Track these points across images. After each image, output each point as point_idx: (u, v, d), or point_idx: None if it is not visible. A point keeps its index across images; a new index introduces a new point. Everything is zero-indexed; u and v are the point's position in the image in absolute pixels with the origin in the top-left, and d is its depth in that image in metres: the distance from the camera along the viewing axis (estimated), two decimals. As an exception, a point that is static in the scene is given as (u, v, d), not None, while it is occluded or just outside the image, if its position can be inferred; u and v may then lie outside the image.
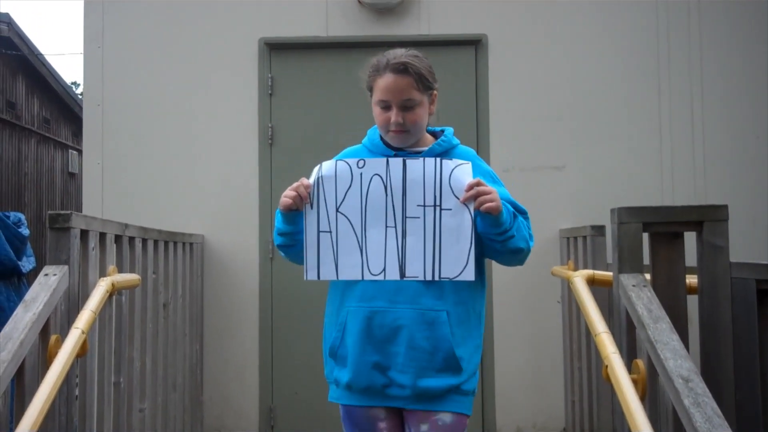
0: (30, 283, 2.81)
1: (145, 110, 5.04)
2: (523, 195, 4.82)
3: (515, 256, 2.29)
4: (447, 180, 2.15)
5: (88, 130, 5.06)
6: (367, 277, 2.19)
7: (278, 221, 2.36)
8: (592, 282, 3.13)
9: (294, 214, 2.25)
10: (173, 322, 4.23)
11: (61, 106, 13.58)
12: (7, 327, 2.47)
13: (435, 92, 2.37)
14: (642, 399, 2.35)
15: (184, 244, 4.48)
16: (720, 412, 2.04)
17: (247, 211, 4.95)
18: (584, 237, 4.23)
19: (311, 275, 2.22)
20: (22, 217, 4.79)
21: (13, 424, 2.35)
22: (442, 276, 2.16)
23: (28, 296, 2.61)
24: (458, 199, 2.14)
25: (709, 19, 4.99)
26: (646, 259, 2.64)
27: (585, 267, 4.02)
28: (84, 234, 2.95)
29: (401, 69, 2.26)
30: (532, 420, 4.86)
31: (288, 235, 2.32)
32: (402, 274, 2.17)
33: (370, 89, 2.36)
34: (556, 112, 4.98)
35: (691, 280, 2.62)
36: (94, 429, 3.02)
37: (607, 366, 2.41)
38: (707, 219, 2.56)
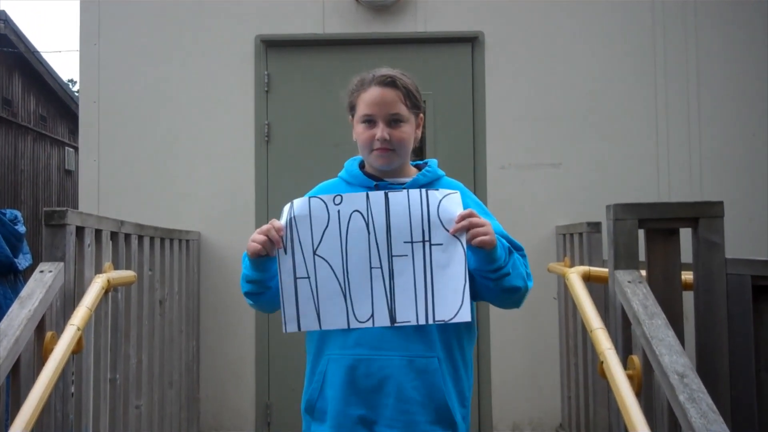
0: (26, 281, 2.81)
1: (142, 107, 5.04)
2: (520, 192, 4.92)
3: (511, 295, 2.07)
4: (435, 212, 1.96)
5: (85, 127, 5.06)
6: (354, 325, 1.97)
7: (245, 267, 2.11)
8: (587, 278, 3.13)
9: (264, 260, 2.00)
10: (169, 319, 4.23)
11: (58, 104, 13.57)
12: (2, 324, 2.46)
13: (422, 115, 2.21)
14: (637, 395, 2.35)
15: (180, 241, 4.48)
16: (715, 408, 2.05)
17: (243, 209, 4.95)
18: (580, 234, 4.24)
19: (291, 327, 1.98)
20: (19, 214, 4.79)
21: (9, 421, 2.35)
22: (436, 319, 1.94)
23: (23, 293, 2.61)
24: (448, 231, 1.94)
25: (706, 17, 4.99)
26: (642, 256, 2.64)
27: (581, 263, 4.03)
28: (80, 231, 2.95)
29: (388, 82, 2.13)
30: (528, 416, 4.87)
31: (257, 283, 2.08)
32: (393, 320, 1.96)
33: (352, 108, 2.20)
34: (552, 109, 4.98)
35: (687, 276, 2.62)
36: (90, 425, 3.02)
37: (602, 362, 2.42)
38: (703, 215, 2.56)
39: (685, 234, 2.60)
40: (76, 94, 13.26)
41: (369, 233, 1.97)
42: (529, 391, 4.86)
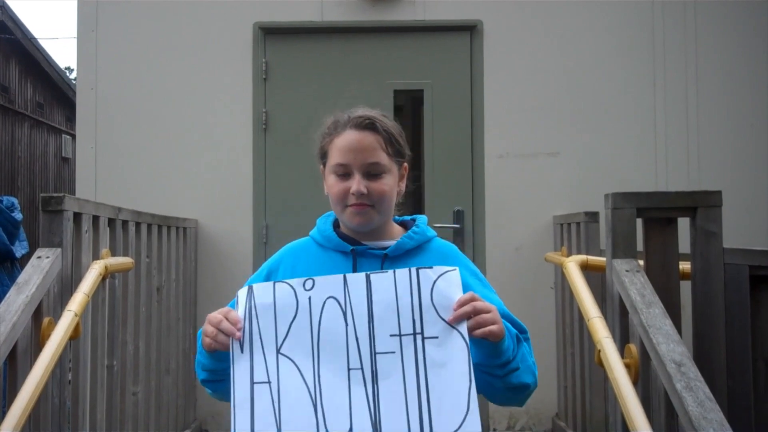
0: (23, 268, 2.80)
1: (139, 94, 5.02)
2: (518, 182, 4.91)
3: (517, 393, 1.75)
4: (428, 296, 1.59)
5: (82, 114, 5.04)
6: None
7: (200, 353, 1.79)
8: (585, 267, 3.14)
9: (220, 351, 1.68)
10: (167, 306, 4.23)
11: (55, 91, 13.52)
12: (-1, 309, 2.46)
13: (406, 165, 1.85)
14: (634, 384, 2.36)
15: (177, 228, 4.47)
16: (712, 396, 2.05)
17: (240, 197, 4.94)
18: (578, 223, 4.24)
19: None
20: (16, 201, 4.79)
21: (5, 407, 2.35)
22: None
23: (20, 279, 2.61)
24: (445, 321, 1.57)
25: (705, 8, 4.98)
26: (640, 245, 2.64)
27: (579, 253, 4.02)
28: (77, 217, 2.94)
29: (367, 124, 1.78)
30: (524, 406, 4.86)
31: (214, 372, 1.76)
32: None
33: (324, 155, 1.88)
34: (551, 98, 4.97)
35: (685, 265, 2.62)
36: (87, 412, 3.02)
37: (599, 351, 2.42)
38: (701, 205, 2.56)
39: (683, 223, 2.60)
40: (74, 81, 13.23)
41: (347, 324, 1.60)
42: (525, 381, 4.85)
